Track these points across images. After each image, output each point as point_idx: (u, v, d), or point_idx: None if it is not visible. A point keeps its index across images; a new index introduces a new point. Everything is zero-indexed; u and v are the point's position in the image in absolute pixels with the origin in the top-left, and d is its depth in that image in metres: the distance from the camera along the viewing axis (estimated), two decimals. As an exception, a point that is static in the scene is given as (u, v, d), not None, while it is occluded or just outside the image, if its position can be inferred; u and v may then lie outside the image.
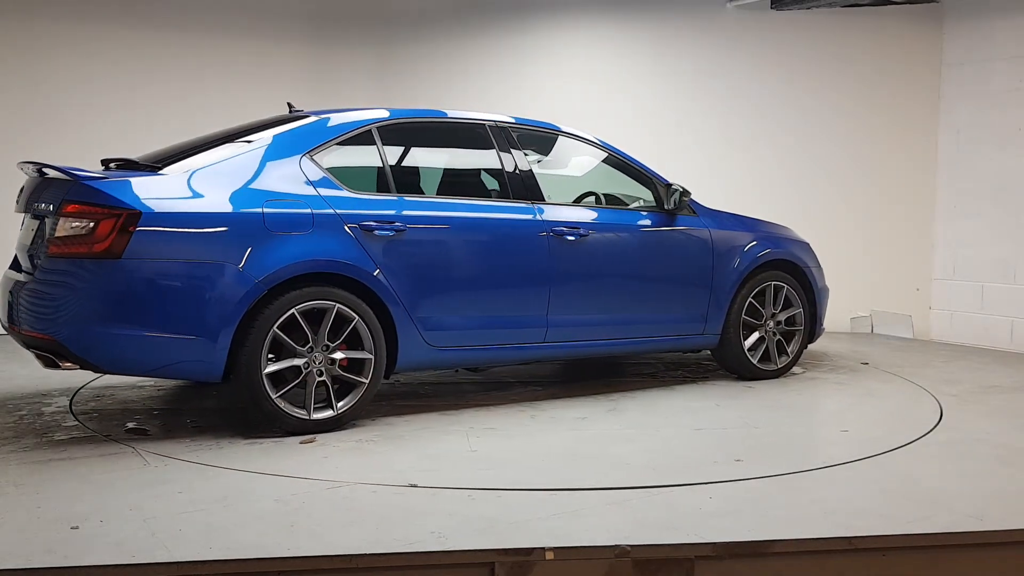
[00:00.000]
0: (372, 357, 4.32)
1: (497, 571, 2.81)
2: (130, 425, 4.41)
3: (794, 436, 4.49)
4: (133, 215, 3.87)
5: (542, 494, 3.42)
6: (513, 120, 5.13)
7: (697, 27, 7.97)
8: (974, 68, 7.52)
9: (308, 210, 4.22)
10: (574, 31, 8.18)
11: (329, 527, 3.03)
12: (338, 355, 4.25)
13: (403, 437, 4.24)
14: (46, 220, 4.10)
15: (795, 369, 5.94)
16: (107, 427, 4.35)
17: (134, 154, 4.85)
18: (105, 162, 4.53)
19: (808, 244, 6.03)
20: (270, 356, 4.14)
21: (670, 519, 3.16)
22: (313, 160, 4.37)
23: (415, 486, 3.48)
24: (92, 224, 3.87)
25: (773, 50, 7.91)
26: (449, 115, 5.05)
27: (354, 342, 4.32)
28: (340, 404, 4.28)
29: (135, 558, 2.74)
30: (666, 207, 5.33)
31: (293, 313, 4.12)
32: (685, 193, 5.34)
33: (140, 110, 7.65)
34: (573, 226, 4.94)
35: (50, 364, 4.01)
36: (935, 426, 4.62)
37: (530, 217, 4.85)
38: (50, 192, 4.15)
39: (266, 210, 4.13)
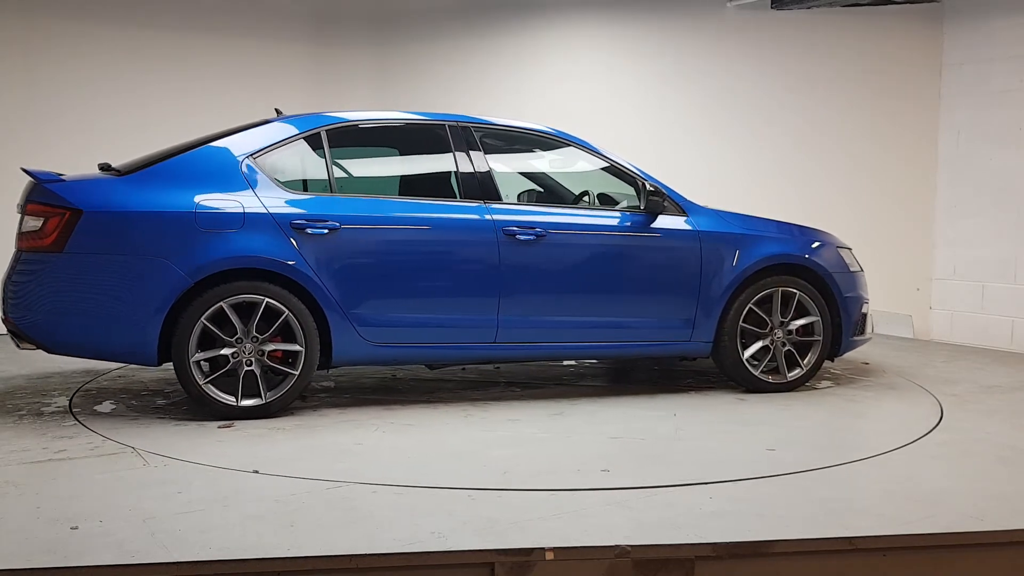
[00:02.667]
0: (302, 350, 4.51)
1: (497, 571, 2.81)
2: (105, 406, 4.68)
3: (704, 450, 4.09)
4: (76, 213, 4.32)
5: (542, 494, 3.42)
6: (479, 120, 5.13)
7: (697, 27, 7.97)
8: (974, 68, 7.51)
9: (240, 209, 4.48)
10: (574, 31, 8.19)
11: (329, 527, 3.03)
12: (271, 346, 4.51)
13: (316, 427, 4.41)
14: None
15: (824, 382, 5.59)
16: (106, 425, 4.36)
17: (134, 154, 4.94)
18: (101, 166, 4.77)
19: (837, 248, 5.59)
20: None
21: (670, 519, 3.15)
22: (255, 162, 4.63)
23: (257, 472, 3.65)
24: (43, 221, 4.36)
25: (773, 50, 7.91)
26: (406, 116, 5.16)
27: (291, 335, 4.54)
28: (269, 393, 4.51)
29: (135, 558, 2.74)
30: (641, 207, 5.13)
31: (221, 305, 4.41)
32: (655, 193, 5.08)
33: (141, 110, 7.66)
34: (527, 226, 4.87)
35: (18, 345, 4.55)
36: (935, 426, 4.62)
37: (478, 217, 4.83)
38: (25, 193, 4.56)
39: (198, 209, 4.43)
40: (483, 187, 4.92)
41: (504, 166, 5.32)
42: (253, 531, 2.98)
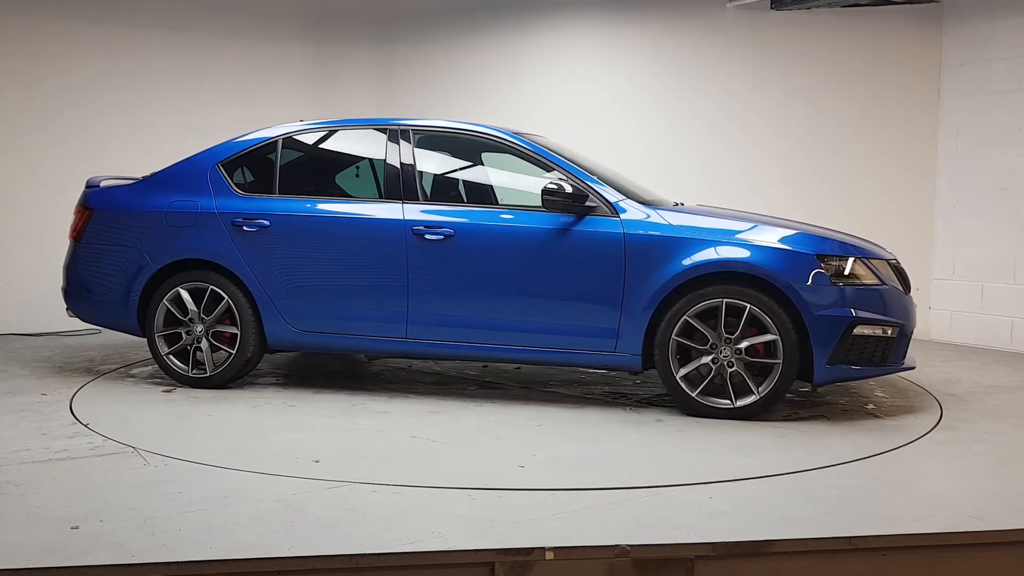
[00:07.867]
0: (239, 332, 5.19)
1: (497, 571, 2.81)
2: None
3: (455, 458, 3.94)
4: (90, 212, 5.49)
5: (542, 494, 3.42)
6: (417, 122, 5.30)
7: (697, 27, 7.97)
8: (974, 68, 7.51)
9: (196, 209, 5.27)
10: (574, 32, 8.18)
11: (329, 527, 3.03)
12: (218, 328, 5.24)
13: (215, 399, 5.00)
14: None
15: (815, 398, 5.10)
16: (106, 425, 4.37)
17: (133, 154, 5.00)
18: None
19: (816, 256, 4.62)
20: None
21: (670, 519, 3.16)
22: (221, 168, 5.36)
23: (87, 426, 4.35)
24: (76, 218, 5.58)
25: (773, 50, 7.91)
26: (352, 121, 5.61)
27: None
28: (215, 367, 5.25)
29: (135, 558, 2.74)
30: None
31: (178, 290, 5.24)
32: (548, 191, 4.73)
33: (142, 111, 7.64)
34: (436, 226, 4.96)
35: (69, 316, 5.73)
36: (935, 426, 4.63)
37: (391, 216, 5.06)
38: None
39: (168, 210, 5.31)
40: (405, 187, 5.13)
41: (435, 165, 5.47)
42: (253, 531, 2.98)
